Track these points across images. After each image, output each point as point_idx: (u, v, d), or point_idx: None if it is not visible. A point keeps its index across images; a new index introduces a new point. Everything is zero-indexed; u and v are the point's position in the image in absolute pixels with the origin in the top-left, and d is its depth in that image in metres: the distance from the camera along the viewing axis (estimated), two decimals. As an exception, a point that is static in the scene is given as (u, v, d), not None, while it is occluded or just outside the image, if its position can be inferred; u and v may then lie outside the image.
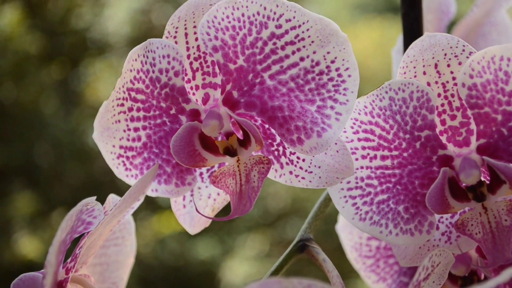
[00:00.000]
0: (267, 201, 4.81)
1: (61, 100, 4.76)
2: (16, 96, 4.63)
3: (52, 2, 4.87)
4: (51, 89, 4.77)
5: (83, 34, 4.87)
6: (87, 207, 0.66)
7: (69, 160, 4.56)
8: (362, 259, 0.93)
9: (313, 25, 0.67)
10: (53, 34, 4.81)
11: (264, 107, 0.69)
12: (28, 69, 4.62)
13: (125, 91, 0.73)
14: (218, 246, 4.71)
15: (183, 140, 0.69)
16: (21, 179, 4.53)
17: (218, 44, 0.68)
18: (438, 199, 0.69)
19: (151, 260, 4.56)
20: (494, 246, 0.69)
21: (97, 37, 4.86)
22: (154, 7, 4.97)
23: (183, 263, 4.65)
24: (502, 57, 0.67)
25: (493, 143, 0.69)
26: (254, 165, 0.70)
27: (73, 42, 4.84)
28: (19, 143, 4.51)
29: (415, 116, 0.69)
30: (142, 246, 4.47)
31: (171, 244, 4.60)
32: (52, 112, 4.70)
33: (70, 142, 4.55)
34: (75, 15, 4.88)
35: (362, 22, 6.55)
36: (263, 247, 4.87)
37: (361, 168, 0.71)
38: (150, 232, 4.52)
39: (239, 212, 0.68)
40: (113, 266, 0.80)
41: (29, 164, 4.54)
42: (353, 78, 0.68)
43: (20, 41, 4.64)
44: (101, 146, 0.75)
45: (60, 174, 4.56)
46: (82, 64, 4.87)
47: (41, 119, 4.60)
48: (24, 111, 4.60)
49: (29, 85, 4.66)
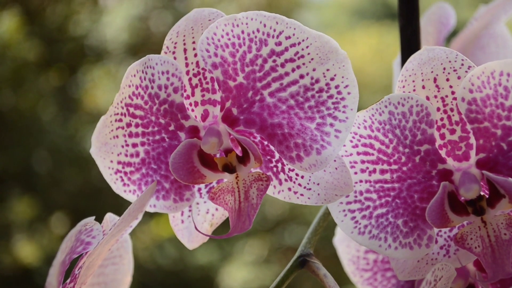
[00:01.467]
0: (265, 207, 4.81)
1: (59, 106, 4.76)
2: (15, 102, 4.63)
3: (50, 9, 4.88)
4: (49, 96, 4.77)
5: (81, 41, 4.88)
6: (85, 227, 0.66)
7: (67, 166, 4.56)
8: (359, 272, 0.93)
9: (313, 42, 0.67)
10: (51, 41, 4.81)
11: (263, 125, 0.69)
12: (26, 76, 4.62)
13: (124, 106, 0.72)
14: (217, 252, 4.72)
15: (182, 157, 0.69)
16: (19, 185, 4.53)
17: (218, 61, 0.68)
18: (438, 213, 0.69)
19: (150, 264, 4.56)
20: (493, 260, 0.69)
21: (95, 44, 4.86)
22: (152, 14, 4.98)
23: (182, 268, 4.65)
24: (502, 72, 0.67)
25: (492, 157, 0.69)
26: (253, 182, 0.69)
27: (71, 49, 4.84)
28: (17, 149, 4.52)
29: (414, 130, 0.69)
30: (141, 251, 4.47)
31: (170, 248, 4.61)
32: (50, 118, 4.70)
33: (68, 148, 4.56)
34: (73, 22, 4.89)
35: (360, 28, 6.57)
36: (262, 252, 4.87)
37: (360, 182, 0.71)
38: (149, 237, 4.53)
39: (238, 229, 0.68)
40: (111, 285, 0.80)
41: (28, 170, 4.55)
42: (352, 95, 0.68)
43: (18, 48, 4.65)
44: (99, 161, 0.75)
45: (58, 180, 4.56)
46: (80, 71, 4.88)
47: (39, 126, 4.61)
48: (22, 118, 4.61)
49: (27, 92, 4.66)
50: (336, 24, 6.92)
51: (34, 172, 4.58)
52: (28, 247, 4.42)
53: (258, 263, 4.77)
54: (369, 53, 5.85)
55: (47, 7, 4.86)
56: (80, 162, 4.52)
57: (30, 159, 4.57)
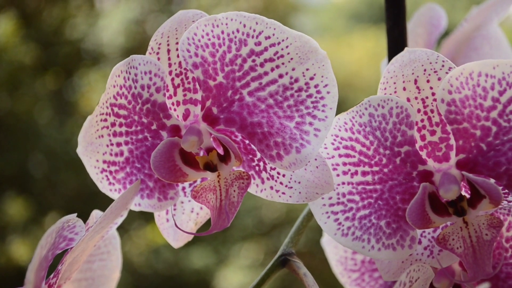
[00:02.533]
0: (261, 211, 4.81)
1: (55, 110, 4.76)
2: (11, 106, 4.63)
3: (47, 13, 4.88)
4: (45, 99, 4.78)
5: (77, 44, 4.88)
6: (68, 223, 0.67)
7: (63, 170, 4.56)
8: (347, 273, 0.93)
9: (293, 42, 0.67)
10: (48, 44, 4.81)
11: (243, 123, 0.69)
12: (22, 79, 4.63)
13: (108, 106, 0.73)
14: (213, 256, 4.71)
15: (163, 155, 0.70)
16: (15, 187, 4.53)
17: (198, 61, 0.69)
18: (419, 214, 0.69)
19: (145, 269, 4.55)
20: (474, 261, 0.69)
21: (92, 48, 4.87)
22: (149, 17, 4.98)
23: (177, 272, 4.65)
24: (480, 73, 0.68)
25: (472, 158, 0.69)
26: (234, 181, 0.70)
27: (68, 53, 4.84)
28: (13, 153, 4.52)
29: (394, 132, 0.70)
30: (136, 256, 4.46)
31: (165, 253, 4.60)
32: (46, 122, 4.70)
33: (64, 152, 4.55)
34: (69, 25, 4.89)
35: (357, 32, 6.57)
36: (258, 256, 4.87)
37: (342, 184, 0.71)
38: (144, 242, 4.52)
39: (218, 227, 0.68)
40: (99, 281, 0.80)
41: (23, 173, 4.55)
42: (332, 94, 0.68)
43: (15, 51, 4.65)
44: (85, 160, 0.76)
45: (54, 183, 4.56)
46: (76, 75, 4.88)
47: (35, 129, 4.61)
48: (18, 121, 4.61)
49: (24, 95, 4.66)
50: (333, 28, 6.92)
51: (30, 175, 4.58)
52: (23, 248, 4.42)
53: (254, 267, 4.76)
54: (366, 56, 5.85)
55: (43, 10, 4.86)
56: (76, 166, 4.51)
57: (26, 162, 4.57)
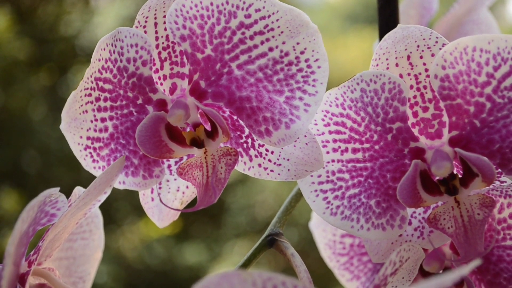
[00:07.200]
0: (255, 209, 4.80)
1: (49, 106, 4.74)
2: (4, 102, 4.61)
3: (42, 9, 4.86)
4: (39, 96, 4.76)
5: (72, 41, 4.86)
6: (50, 198, 0.65)
7: (56, 166, 4.54)
8: (336, 257, 0.91)
9: (283, 15, 0.66)
10: (42, 40, 4.80)
11: (231, 98, 0.68)
12: (16, 75, 4.61)
13: (93, 80, 0.71)
14: (206, 252, 4.70)
15: (148, 130, 0.68)
16: (8, 183, 4.51)
17: (186, 33, 0.67)
18: (410, 192, 0.68)
19: (138, 264, 4.54)
20: (466, 240, 0.68)
21: (86, 44, 4.85)
22: (143, 14, 4.96)
23: (170, 268, 4.63)
24: (474, 48, 0.66)
25: (465, 135, 0.68)
26: (221, 157, 0.68)
27: (62, 49, 4.83)
28: (6, 149, 4.50)
29: (386, 107, 0.68)
30: (129, 251, 4.45)
31: (159, 249, 4.59)
32: (40, 118, 4.69)
33: (58, 148, 4.54)
34: (64, 22, 4.88)
35: (352, 32, 6.57)
36: (251, 254, 4.85)
37: (332, 162, 0.70)
38: (138, 237, 4.50)
39: (204, 203, 0.67)
40: (80, 260, 0.78)
41: (17, 170, 4.53)
42: (322, 69, 0.67)
43: (9, 47, 4.63)
44: (68, 137, 0.74)
45: (48, 180, 4.54)
46: (70, 71, 4.87)
47: (29, 126, 4.59)
48: (12, 117, 4.59)
49: (18, 91, 4.64)
50: (328, 28, 6.91)
51: (23, 171, 4.56)
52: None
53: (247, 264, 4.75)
54: (362, 56, 5.85)
55: (38, 6, 4.85)
56: (70, 162, 4.50)
57: (19, 158, 4.55)
